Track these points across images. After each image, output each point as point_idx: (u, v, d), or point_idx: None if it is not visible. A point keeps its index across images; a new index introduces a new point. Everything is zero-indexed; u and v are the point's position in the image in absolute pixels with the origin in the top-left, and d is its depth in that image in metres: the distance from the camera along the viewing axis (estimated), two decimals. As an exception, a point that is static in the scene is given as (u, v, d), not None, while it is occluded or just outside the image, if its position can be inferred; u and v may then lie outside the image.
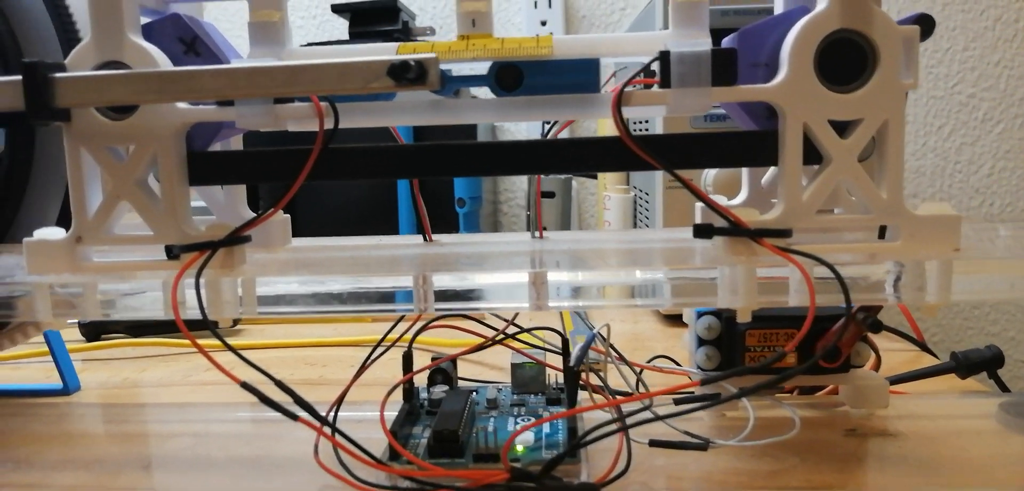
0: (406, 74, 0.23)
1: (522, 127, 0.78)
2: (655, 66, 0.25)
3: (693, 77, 0.24)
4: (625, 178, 0.61)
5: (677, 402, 0.31)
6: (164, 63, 0.26)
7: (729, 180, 0.49)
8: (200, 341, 0.23)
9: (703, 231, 0.25)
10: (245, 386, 0.23)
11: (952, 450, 0.29)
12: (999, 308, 0.76)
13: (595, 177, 0.70)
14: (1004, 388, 0.39)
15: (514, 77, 0.26)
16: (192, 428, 0.33)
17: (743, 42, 0.25)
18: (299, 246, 0.31)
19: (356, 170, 0.26)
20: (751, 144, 0.25)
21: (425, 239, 0.31)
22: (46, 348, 0.41)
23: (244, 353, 0.23)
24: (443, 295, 0.25)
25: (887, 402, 0.31)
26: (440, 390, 0.30)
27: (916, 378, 0.38)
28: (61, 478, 0.28)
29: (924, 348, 0.46)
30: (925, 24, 0.26)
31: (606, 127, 0.62)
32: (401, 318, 0.31)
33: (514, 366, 0.31)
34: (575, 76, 0.26)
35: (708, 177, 0.49)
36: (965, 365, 0.39)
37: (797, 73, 0.24)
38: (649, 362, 0.33)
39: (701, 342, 0.32)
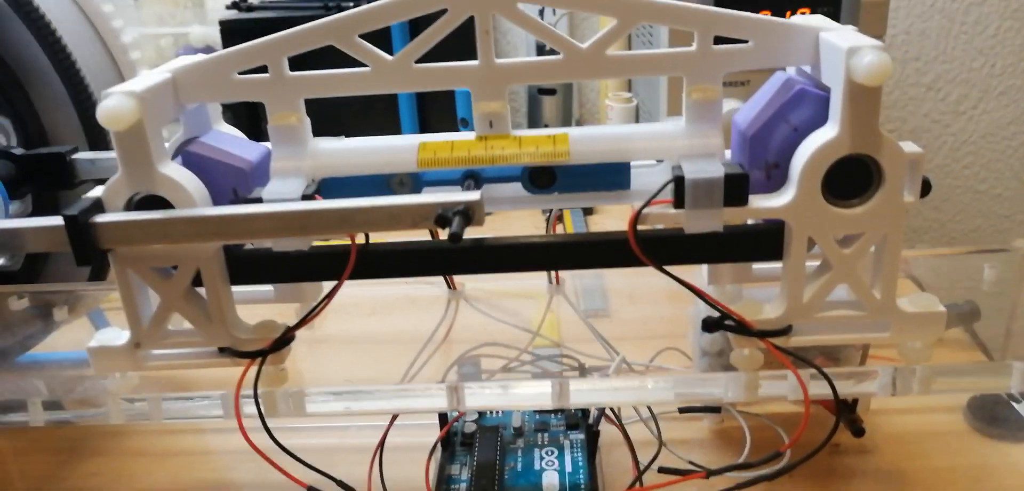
0: (452, 219, 0.24)
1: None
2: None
3: (706, 200, 0.25)
4: (627, 84, 0.60)
5: (681, 411, 0.34)
6: (195, 189, 0.26)
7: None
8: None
9: (711, 326, 0.27)
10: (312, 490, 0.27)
11: (921, 459, 0.33)
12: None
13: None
14: (982, 345, 0.42)
15: (548, 177, 0.27)
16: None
17: (753, 145, 0.26)
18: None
19: (388, 270, 0.28)
20: (757, 242, 0.27)
21: (449, 287, 0.33)
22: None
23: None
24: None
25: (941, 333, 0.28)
26: (471, 423, 0.34)
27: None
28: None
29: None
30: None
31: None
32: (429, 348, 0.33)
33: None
34: (606, 177, 0.27)
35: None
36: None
37: (805, 194, 0.25)
38: (652, 359, 0.36)
39: (705, 353, 0.35)
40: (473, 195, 0.24)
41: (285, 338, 0.28)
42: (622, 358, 0.32)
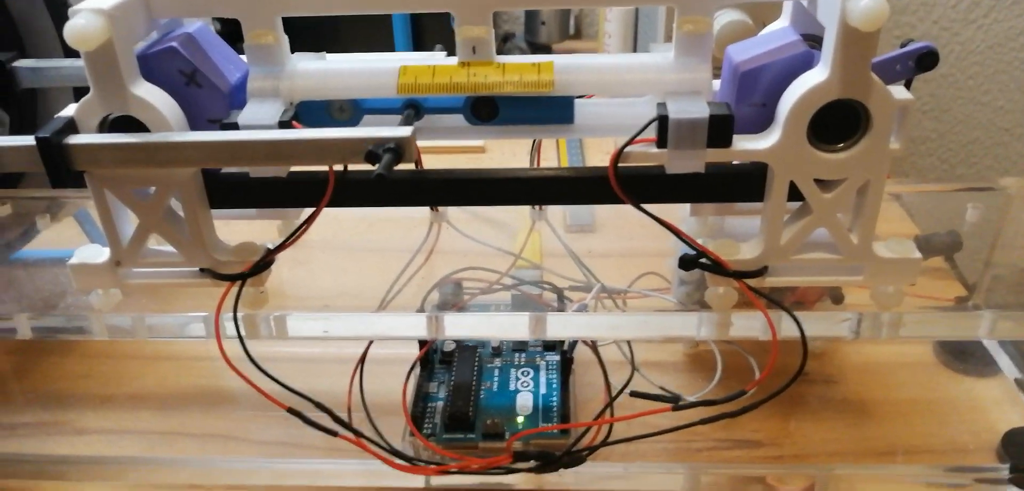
0: (382, 155, 0.23)
1: None
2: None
3: (689, 140, 0.25)
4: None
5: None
6: (166, 108, 0.26)
7: (735, 31, 0.48)
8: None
9: (688, 263, 0.28)
10: (292, 411, 0.28)
11: (886, 391, 0.34)
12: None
13: None
14: (960, 276, 0.43)
15: (490, 109, 0.27)
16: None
17: (743, 82, 0.26)
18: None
19: (367, 199, 0.28)
20: (738, 183, 0.27)
21: (432, 209, 0.33)
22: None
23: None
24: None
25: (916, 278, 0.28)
26: (451, 342, 0.34)
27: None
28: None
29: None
30: (929, 60, 0.26)
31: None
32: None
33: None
34: (549, 111, 0.27)
35: (719, 33, 0.48)
36: (925, 249, 0.43)
37: (790, 137, 0.25)
38: (632, 284, 0.37)
39: (683, 282, 0.35)
40: (404, 131, 0.23)
41: (264, 262, 0.28)
42: (599, 286, 0.33)
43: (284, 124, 0.25)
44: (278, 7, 0.26)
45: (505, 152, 0.56)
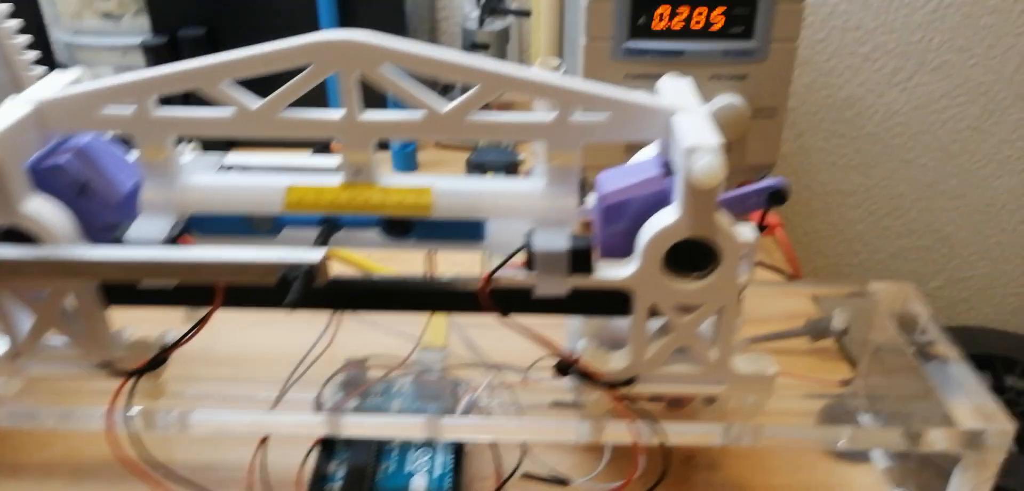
0: (295, 279, 0.25)
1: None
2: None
3: (553, 268, 0.27)
4: (557, 50, 0.60)
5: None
6: (55, 220, 0.27)
7: (728, 117, 0.48)
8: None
9: (563, 369, 0.29)
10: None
11: (765, 475, 0.36)
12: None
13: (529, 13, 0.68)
14: (848, 356, 0.45)
15: (403, 227, 0.28)
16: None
17: (608, 213, 0.27)
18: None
19: (256, 302, 0.29)
20: (608, 300, 0.28)
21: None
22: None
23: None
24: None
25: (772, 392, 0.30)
26: (351, 424, 0.35)
27: (770, 340, 0.44)
28: None
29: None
30: (778, 198, 0.28)
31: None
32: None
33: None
34: (461, 228, 0.28)
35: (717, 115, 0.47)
36: (817, 331, 0.45)
37: (648, 267, 0.27)
38: (529, 369, 0.38)
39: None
40: (316, 255, 0.25)
41: (159, 358, 0.29)
42: (491, 378, 0.34)
43: (171, 240, 0.27)
44: (169, 129, 0.27)
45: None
